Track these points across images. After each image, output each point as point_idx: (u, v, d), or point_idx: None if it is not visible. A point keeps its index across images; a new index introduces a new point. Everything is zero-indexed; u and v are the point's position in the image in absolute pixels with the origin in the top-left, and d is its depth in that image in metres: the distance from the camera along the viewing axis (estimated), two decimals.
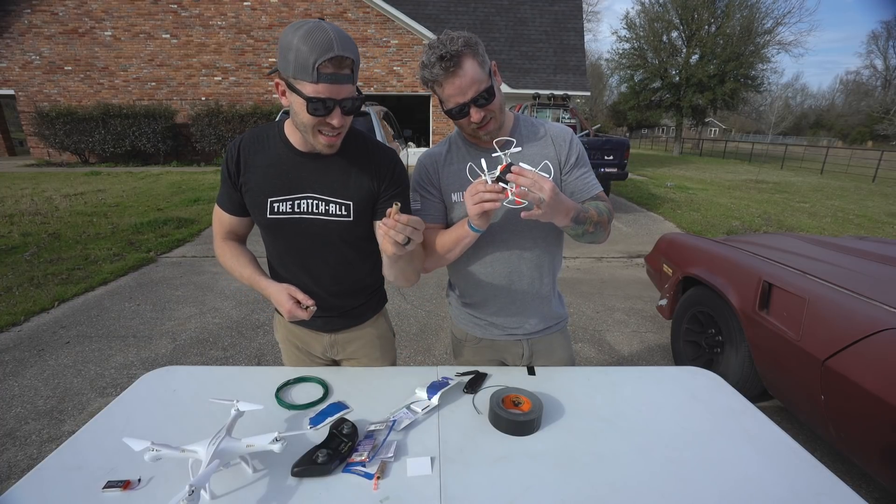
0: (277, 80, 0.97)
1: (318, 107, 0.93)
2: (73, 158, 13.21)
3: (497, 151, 0.99)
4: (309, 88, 0.91)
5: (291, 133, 1.09)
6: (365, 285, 1.26)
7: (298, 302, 1.06)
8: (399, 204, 0.87)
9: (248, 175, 1.10)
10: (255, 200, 1.11)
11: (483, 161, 1.01)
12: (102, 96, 13.31)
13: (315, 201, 1.10)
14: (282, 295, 1.07)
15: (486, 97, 1.04)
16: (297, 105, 0.96)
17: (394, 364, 1.39)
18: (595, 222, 1.11)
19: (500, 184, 0.94)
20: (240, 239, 1.24)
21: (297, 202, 1.09)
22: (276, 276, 1.22)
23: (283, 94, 0.97)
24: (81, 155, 12.99)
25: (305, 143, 1.07)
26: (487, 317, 1.29)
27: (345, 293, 1.22)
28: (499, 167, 0.95)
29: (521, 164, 0.95)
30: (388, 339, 1.36)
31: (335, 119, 0.96)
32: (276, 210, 1.09)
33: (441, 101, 1.08)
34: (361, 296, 1.26)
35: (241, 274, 1.16)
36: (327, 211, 1.10)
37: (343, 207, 1.10)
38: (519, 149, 1.03)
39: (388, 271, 1.10)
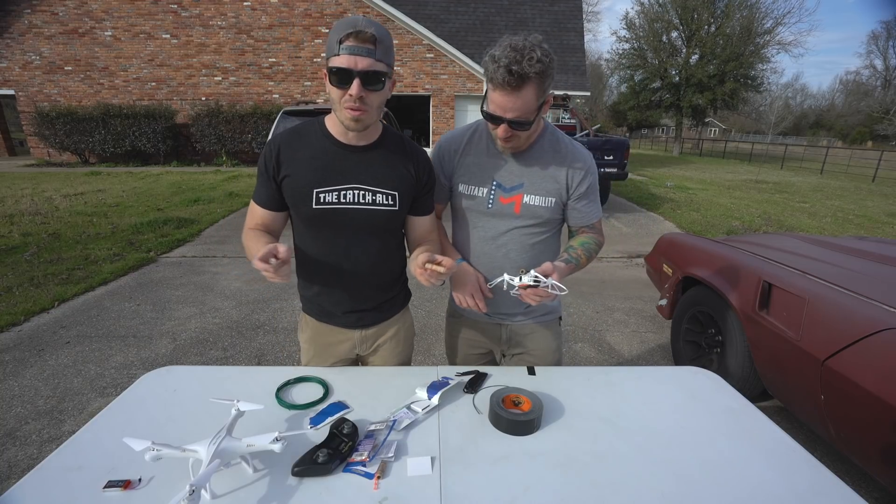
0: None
1: (339, 77, 0.99)
2: (73, 158, 13.21)
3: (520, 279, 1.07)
4: (333, 62, 0.99)
5: (332, 125, 1.13)
6: (397, 275, 1.29)
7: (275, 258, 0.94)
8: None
9: (291, 168, 1.11)
10: (300, 192, 1.11)
11: (506, 275, 1.09)
12: (102, 96, 13.31)
13: (361, 192, 1.12)
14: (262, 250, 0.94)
15: (520, 125, 1.06)
16: (328, 84, 1.03)
17: (410, 359, 1.42)
18: (583, 266, 1.23)
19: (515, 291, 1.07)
20: (270, 233, 1.17)
21: (343, 193, 1.12)
22: (314, 268, 1.20)
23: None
24: (81, 155, 13.00)
25: (346, 133, 1.11)
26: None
27: (381, 284, 1.25)
28: (520, 280, 1.05)
29: (542, 282, 1.03)
30: (411, 335, 1.39)
31: (354, 88, 0.99)
32: (322, 201, 1.11)
33: (486, 95, 1.10)
34: (394, 287, 1.29)
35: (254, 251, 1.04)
36: (374, 201, 1.13)
37: (389, 197, 1.14)
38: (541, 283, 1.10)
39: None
